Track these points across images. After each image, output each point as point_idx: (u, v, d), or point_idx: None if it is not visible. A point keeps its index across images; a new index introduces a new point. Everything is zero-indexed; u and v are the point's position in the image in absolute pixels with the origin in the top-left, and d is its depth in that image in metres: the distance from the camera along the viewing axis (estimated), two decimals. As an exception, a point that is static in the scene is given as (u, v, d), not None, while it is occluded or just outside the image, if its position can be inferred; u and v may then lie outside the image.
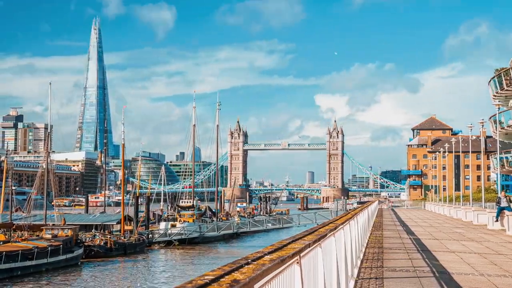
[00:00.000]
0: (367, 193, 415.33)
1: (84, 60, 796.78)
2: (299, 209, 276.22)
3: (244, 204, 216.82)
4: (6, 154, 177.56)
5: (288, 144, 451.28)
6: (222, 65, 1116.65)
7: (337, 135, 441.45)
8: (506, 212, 45.54)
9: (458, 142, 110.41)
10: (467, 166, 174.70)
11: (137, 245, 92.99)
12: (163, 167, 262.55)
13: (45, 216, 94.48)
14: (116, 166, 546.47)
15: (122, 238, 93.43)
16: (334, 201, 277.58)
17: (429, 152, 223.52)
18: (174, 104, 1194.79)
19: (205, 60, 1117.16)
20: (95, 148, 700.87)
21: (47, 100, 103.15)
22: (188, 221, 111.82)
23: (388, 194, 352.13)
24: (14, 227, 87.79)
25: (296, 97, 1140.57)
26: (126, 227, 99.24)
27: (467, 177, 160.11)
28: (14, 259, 65.50)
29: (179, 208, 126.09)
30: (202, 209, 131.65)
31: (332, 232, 12.33)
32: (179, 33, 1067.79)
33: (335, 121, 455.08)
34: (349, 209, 59.62)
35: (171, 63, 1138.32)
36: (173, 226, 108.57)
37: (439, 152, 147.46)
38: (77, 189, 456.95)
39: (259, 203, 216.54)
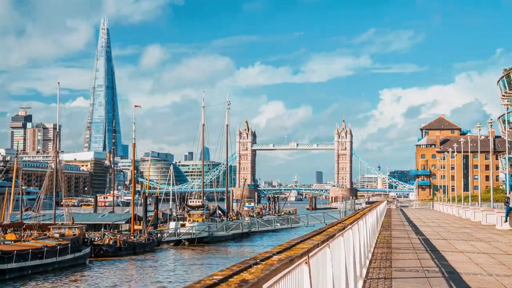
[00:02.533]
0: (375, 193, 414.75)
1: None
2: (308, 209, 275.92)
3: (253, 204, 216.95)
4: (16, 154, 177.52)
5: (297, 144, 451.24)
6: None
7: (346, 135, 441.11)
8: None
9: (466, 142, 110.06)
10: (475, 166, 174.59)
11: (146, 245, 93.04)
12: (171, 167, 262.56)
13: (54, 216, 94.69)
14: (124, 166, 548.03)
15: (132, 237, 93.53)
16: (342, 201, 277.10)
17: (437, 152, 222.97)
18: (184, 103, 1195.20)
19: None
20: (104, 148, 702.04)
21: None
22: (197, 221, 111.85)
23: (396, 194, 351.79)
24: (24, 226, 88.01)
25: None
26: (136, 227, 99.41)
27: (475, 177, 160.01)
28: (25, 258, 65.73)
29: (189, 208, 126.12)
30: (211, 209, 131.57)
31: (341, 232, 12.35)
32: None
33: (343, 121, 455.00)
34: (358, 209, 59.59)
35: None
36: (183, 225, 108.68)
37: (448, 152, 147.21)
38: (86, 189, 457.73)
39: (267, 203, 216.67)
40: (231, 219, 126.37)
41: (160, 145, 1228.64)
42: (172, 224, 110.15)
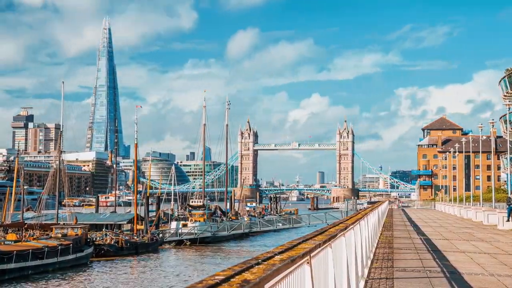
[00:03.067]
0: (377, 193, 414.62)
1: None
2: (309, 209, 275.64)
3: (254, 204, 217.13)
4: (17, 154, 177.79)
5: (298, 144, 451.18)
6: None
7: (347, 135, 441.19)
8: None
9: (468, 142, 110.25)
10: (477, 166, 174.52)
11: (149, 245, 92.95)
12: (173, 167, 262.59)
13: (57, 215, 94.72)
14: (126, 166, 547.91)
15: (135, 237, 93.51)
16: (344, 201, 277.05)
17: (439, 152, 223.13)
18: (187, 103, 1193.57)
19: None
20: (106, 148, 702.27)
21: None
22: (199, 221, 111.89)
23: (398, 194, 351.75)
24: (25, 226, 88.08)
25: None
26: (138, 227, 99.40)
27: (477, 177, 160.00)
28: (25, 259, 65.69)
29: (190, 208, 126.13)
30: (212, 209, 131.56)
31: (343, 232, 12.36)
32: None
33: (345, 121, 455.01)
34: (359, 209, 59.59)
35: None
36: (184, 225, 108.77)
37: (449, 152, 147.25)
38: (88, 189, 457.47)
39: (269, 203, 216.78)
40: (230, 219, 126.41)
41: (162, 145, 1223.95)
42: (173, 224, 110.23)
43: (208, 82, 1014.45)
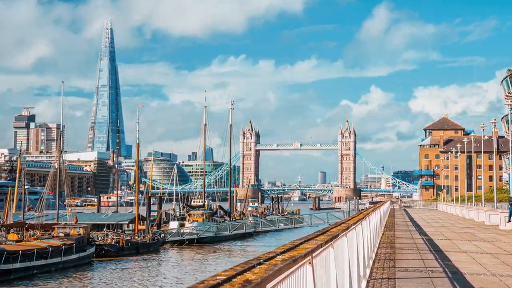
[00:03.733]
0: (379, 193, 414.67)
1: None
2: (311, 209, 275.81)
3: (256, 204, 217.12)
4: (19, 154, 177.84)
5: (300, 144, 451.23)
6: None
7: (349, 135, 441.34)
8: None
9: (470, 142, 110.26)
10: (479, 166, 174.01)
11: (151, 245, 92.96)
12: (175, 167, 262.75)
13: (57, 215, 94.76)
14: (128, 166, 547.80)
15: (136, 237, 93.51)
16: (346, 201, 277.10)
17: (441, 152, 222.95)
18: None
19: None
20: (107, 148, 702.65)
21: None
22: (197, 221, 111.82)
23: (400, 194, 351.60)
24: (26, 226, 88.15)
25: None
26: (139, 227, 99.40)
27: (479, 177, 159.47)
28: (30, 258, 65.85)
29: (189, 208, 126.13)
30: (214, 209, 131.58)
31: (344, 232, 12.35)
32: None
33: (347, 121, 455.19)
34: (361, 209, 59.60)
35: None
36: (182, 225, 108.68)
37: (451, 152, 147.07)
38: (89, 189, 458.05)
39: (271, 203, 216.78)
40: (234, 219, 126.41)
41: (164, 145, 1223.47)
42: (172, 224, 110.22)
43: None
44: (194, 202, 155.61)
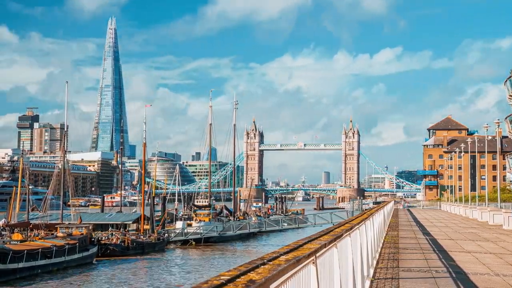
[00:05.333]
0: (383, 193, 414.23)
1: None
2: (315, 209, 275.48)
3: (260, 204, 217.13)
4: (22, 154, 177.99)
5: (304, 144, 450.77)
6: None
7: (353, 135, 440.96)
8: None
9: (474, 142, 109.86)
10: (483, 166, 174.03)
11: (156, 244, 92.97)
12: (177, 167, 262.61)
13: (62, 215, 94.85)
14: (132, 166, 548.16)
15: (141, 237, 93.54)
16: (349, 201, 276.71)
17: (445, 152, 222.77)
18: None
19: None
20: (111, 148, 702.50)
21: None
22: (204, 220, 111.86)
23: (404, 194, 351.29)
24: (31, 226, 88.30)
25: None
26: (144, 227, 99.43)
27: (483, 177, 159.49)
28: (35, 258, 66.06)
29: (195, 208, 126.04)
30: (218, 209, 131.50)
31: (348, 233, 12.36)
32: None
33: (350, 121, 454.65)
34: (365, 209, 59.57)
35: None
36: (189, 225, 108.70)
37: (455, 152, 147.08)
38: (93, 189, 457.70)
39: (275, 203, 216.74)
40: (238, 219, 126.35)
41: (168, 145, 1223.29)
42: (179, 224, 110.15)
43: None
44: (198, 202, 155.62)
